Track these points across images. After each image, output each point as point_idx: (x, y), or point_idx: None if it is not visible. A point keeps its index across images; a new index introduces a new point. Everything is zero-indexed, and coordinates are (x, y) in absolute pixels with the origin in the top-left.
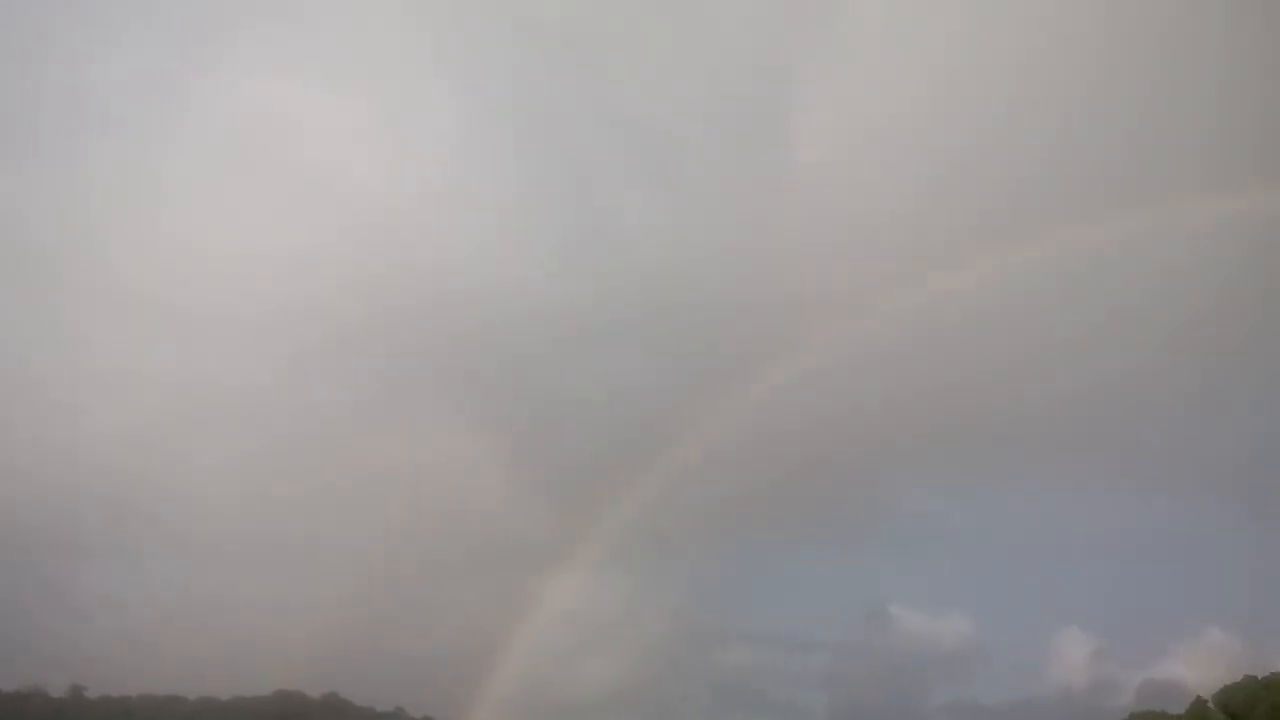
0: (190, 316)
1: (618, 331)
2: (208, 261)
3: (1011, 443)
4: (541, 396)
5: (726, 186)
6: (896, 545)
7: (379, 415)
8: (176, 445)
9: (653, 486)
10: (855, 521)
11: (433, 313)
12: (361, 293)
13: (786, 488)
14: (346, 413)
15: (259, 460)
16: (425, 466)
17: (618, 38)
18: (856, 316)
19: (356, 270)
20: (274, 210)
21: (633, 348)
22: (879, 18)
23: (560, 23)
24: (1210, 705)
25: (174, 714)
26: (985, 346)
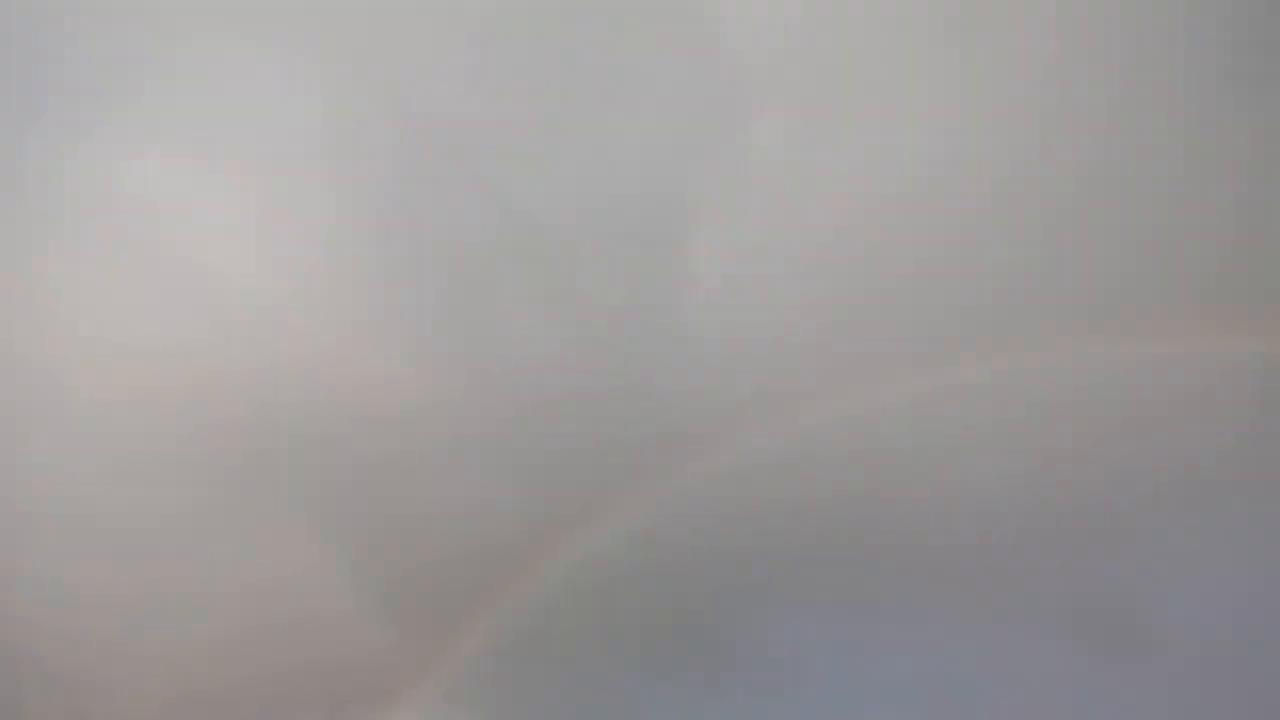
0: (19, 402)
1: (481, 444)
2: (49, 345)
3: (890, 582)
4: (391, 508)
5: (615, 296)
6: (757, 687)
7: (217, 519)
8: None
9: (504, 613)
10: (717, 661)
11: (287, 414)
12: (215, 390)
13: (648, 622)
14: (183, 514)
15: (82, 560)
16: (260, 576)
17: (512, 137)
18: (737, 447)
19: (212, 366)
20: (131, 297)
21: (494, 462)
22: (781, 143)
23: (452, 118)
24: None
25: None
26: (884, 477)
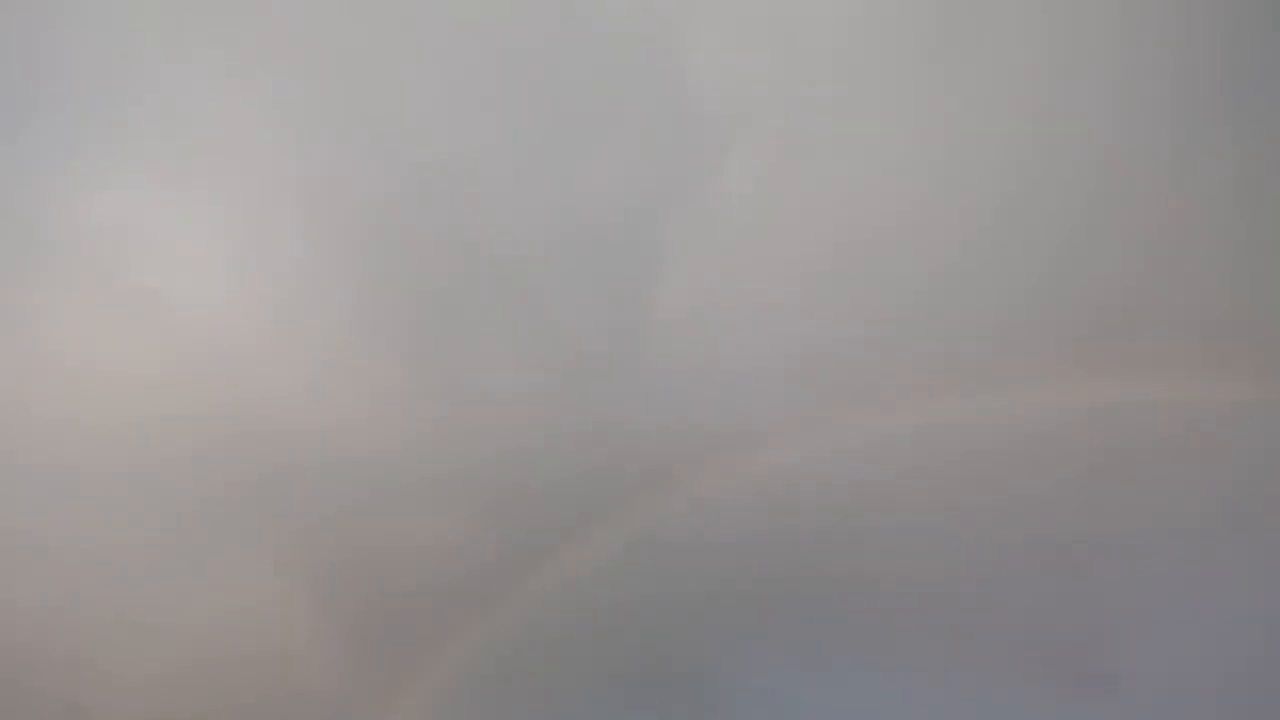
0: None
1: (442, 484)
2: (17, 375)
3: (865, 620)
4: (353, 545)
5: (585, 335)
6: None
7: (181, 551)
8: None
9: (463, 649)
10: (689, 699)
11: (248, 450)
12: (182, 422)
13: (617, 660)
14: (140, 547)
15: (37, 600)
16: (223, 609)
17: (485, 176)
18: (706, 485)
19: (179, 399)
20: (100, 329)
21: (456, 502)
22: (751, 183)
23: (425, 158)
24: None
25: None
26: (857, 515)
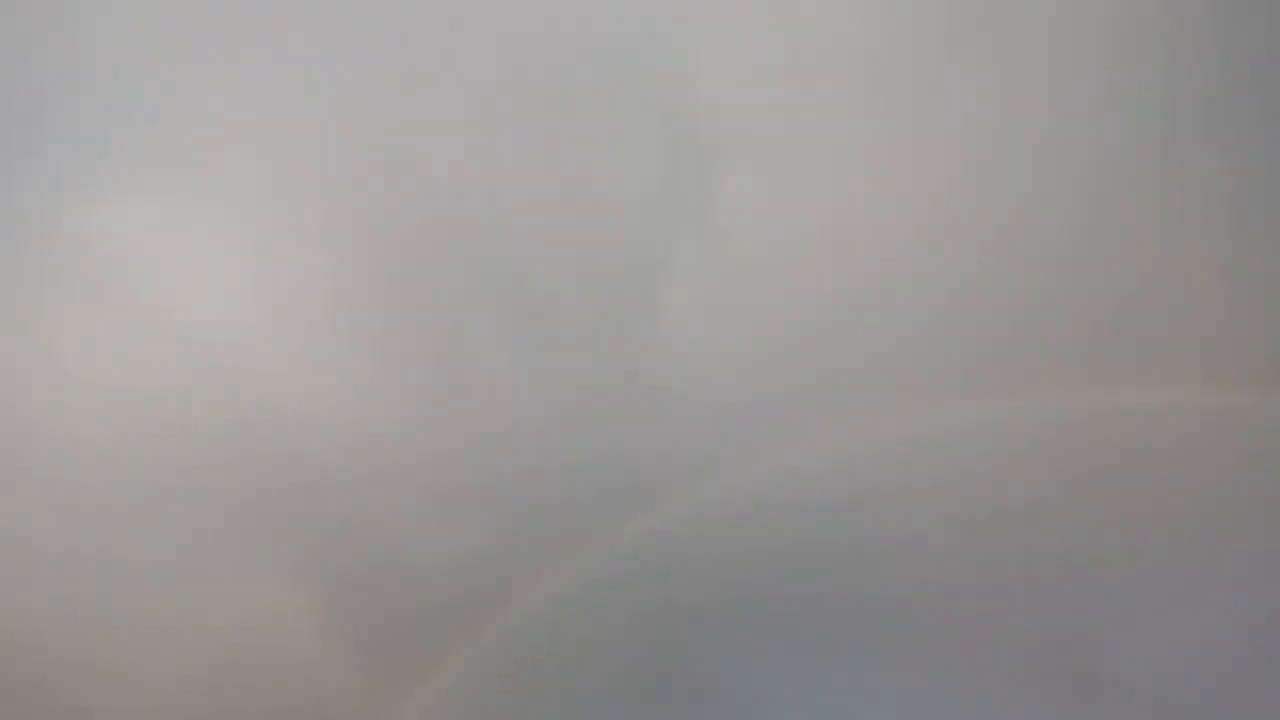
0: (6, 441)
1: (462, 497)
2: (38, 388)
3: (862, 629)
4: (371, 556)
5: (589, 354)
6: None
7: (195, 561)
8: None
9: (476, 658)
10: (687, 707)
11: (270, 462)
12: (197, 436)
13: (620, 668)
14: (158, 557)
15: (54, 606)
16: (235, 618)
17: (491, 189)
18: (706, 500)
19: (196, 412)
20: (117, 343)
21: (475, 514)
22: (749, 203)
23: (433, 173)
24: None
25: None
26: (854, 528)
